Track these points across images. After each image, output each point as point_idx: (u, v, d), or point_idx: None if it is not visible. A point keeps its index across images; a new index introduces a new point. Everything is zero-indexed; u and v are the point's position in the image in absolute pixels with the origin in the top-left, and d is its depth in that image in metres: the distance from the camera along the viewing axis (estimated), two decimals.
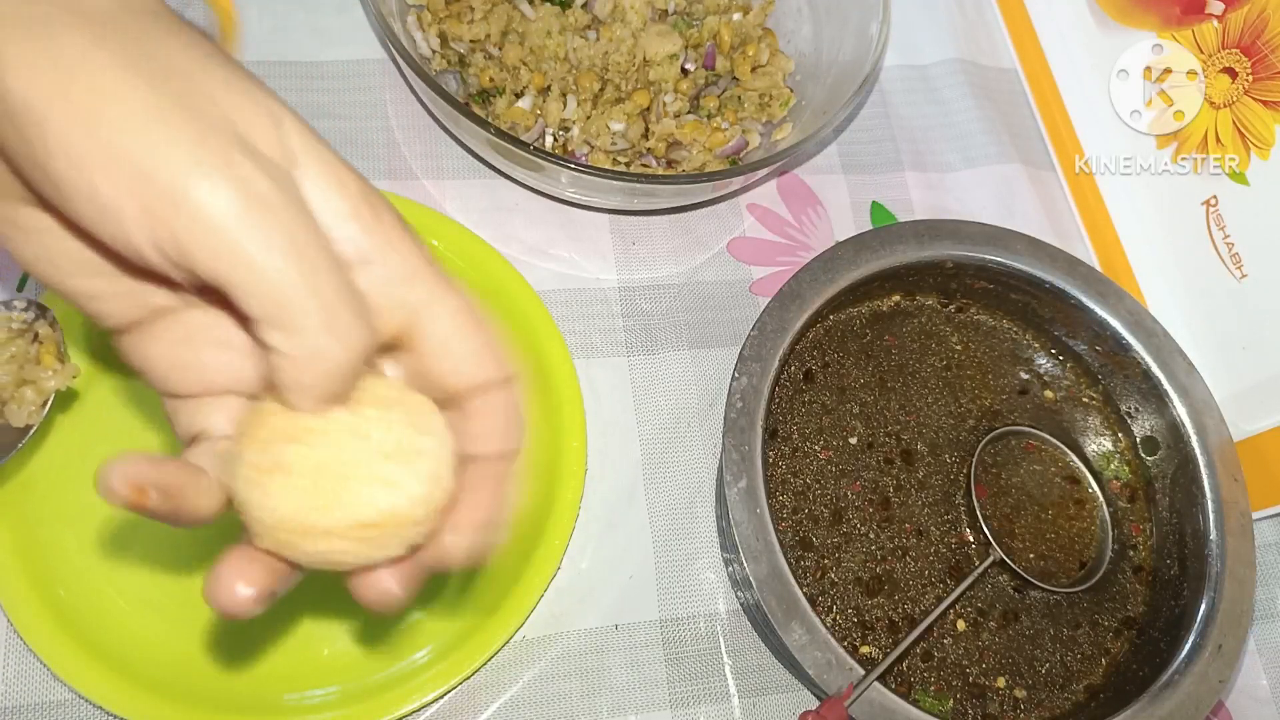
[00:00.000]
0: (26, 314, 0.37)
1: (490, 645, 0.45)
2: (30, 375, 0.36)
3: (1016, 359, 0.56)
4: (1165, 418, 0.53)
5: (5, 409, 0.36)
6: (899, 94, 0.67)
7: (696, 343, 0.56)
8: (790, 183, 0.62)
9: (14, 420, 0.36)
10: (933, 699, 0.47)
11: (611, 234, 0.58)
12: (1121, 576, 0.52)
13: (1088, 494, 0.53)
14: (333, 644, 0.46)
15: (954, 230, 0.53)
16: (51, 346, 0.37)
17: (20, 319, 0.36)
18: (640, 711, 0.48)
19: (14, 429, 0.37)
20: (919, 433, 0.53)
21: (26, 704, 0.43)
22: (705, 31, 0.60)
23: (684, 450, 0.53)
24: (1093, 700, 0.49)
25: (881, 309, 0.55)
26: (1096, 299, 0.53)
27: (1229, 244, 0.56)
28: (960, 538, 0.50)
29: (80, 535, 0.45)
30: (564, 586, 0.49)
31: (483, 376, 0.28)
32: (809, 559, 0.48)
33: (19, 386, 0.36)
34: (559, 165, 0.48)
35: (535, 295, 0.52)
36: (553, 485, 0.49)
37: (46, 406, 0.37)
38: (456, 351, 0.27)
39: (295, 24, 0.59)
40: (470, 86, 0.57)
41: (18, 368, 0.36)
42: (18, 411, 0.36)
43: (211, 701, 0.43)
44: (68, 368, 0.37)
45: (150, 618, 0.44)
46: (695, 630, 0.50)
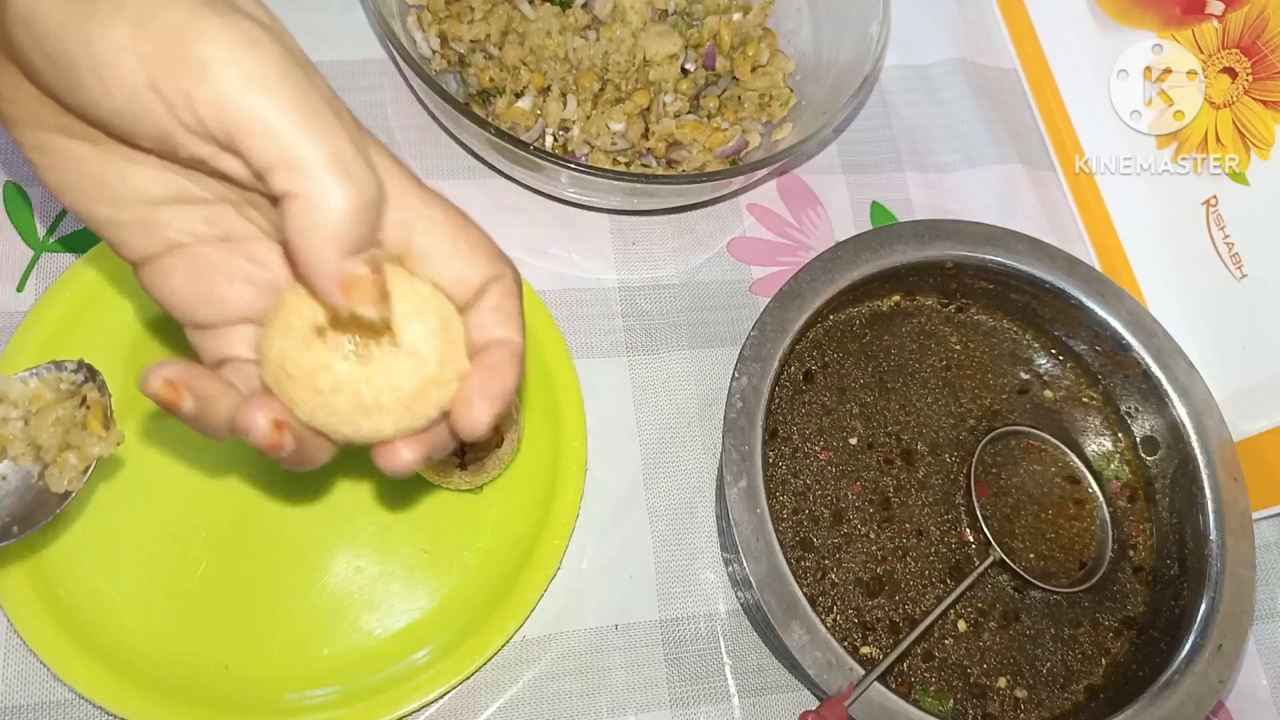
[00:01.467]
0: (76, 376, 0.36)
1: (490, 645, 0.45)
2: (75, 440, 0.35)
3: (1016, 359, 0.56)
4: (1165, 418, 0.53)
5: (47, 473, 0.35)
6: (899, 94, 0.67)
7: (696, 343, 0.56)
8: (790, 183, 0.62)
9: (54, 485, 0.35)
10: (933, 699, 0.47)
11: (611, 234, 0.58)
12: (1121, 576, 0.52)
13: (1088, 494, 0.53)
14: (333, 644, 0.46)
15: (954, 230, 0.53)
16: (99, 412, 0.36)
17: (70, 380, 0.36)
18: (640, 711, 0.48)
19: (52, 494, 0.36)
20: (919, 433, 0.53)
21: (26, 704, 0.43)
22: (705, 31, 0.60)
23: (684, 450, 0.53)
24: (1093, 700, 0.49)
25: (881, 309, 0.55)
26: (1096, 299, 0.53)
27: (1229, 244, 0.56)
28: (960, 538, 0.50)
29: (80, 535, 0.45)
30: (564, 586, 0.49)
31: (478, 278, 0.30)
32: (809, 559, 0.49)
33: (62, 450, 0.35)
34: (559, 165, 0.48)
35: (535, 295, 0.52)
36: (553, 485, 0.49)
37: (88, 473, 0.36)
38: (449, 261, 0.29)
39: (295, 24, 0.58)
40: (470, 86, 0.57)
41: (63, 431, 0.35)
42: (59, 477, 0.35)
43: (211, 701, 0.43)
44: (113, 434, 0.36)
45: (150, 618, 0.44)
46: (695, 630, 0.50)
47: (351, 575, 0.47)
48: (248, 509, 0.47)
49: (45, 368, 0.36)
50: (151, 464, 0.47)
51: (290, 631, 0.46)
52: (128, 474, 0.46)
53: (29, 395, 0.35)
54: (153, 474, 0.47)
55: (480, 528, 0.49)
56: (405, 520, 0.48)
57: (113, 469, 0.46)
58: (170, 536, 0.46)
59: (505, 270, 0.30)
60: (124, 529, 0.46)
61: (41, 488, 0.36)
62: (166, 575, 0.45)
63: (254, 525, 0.47)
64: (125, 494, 0.46)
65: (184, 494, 0.47)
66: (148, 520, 0.46)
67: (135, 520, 0.46)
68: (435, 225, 0.29)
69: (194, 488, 0.47)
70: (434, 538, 0.48)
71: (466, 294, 0.30)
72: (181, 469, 0.47)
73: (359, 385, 0.28)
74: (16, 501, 0.35)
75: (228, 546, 0.46)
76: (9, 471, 0.35)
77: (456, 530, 0.49)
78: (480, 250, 0.30)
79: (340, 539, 0.47)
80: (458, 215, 0.30)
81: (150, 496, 0.46)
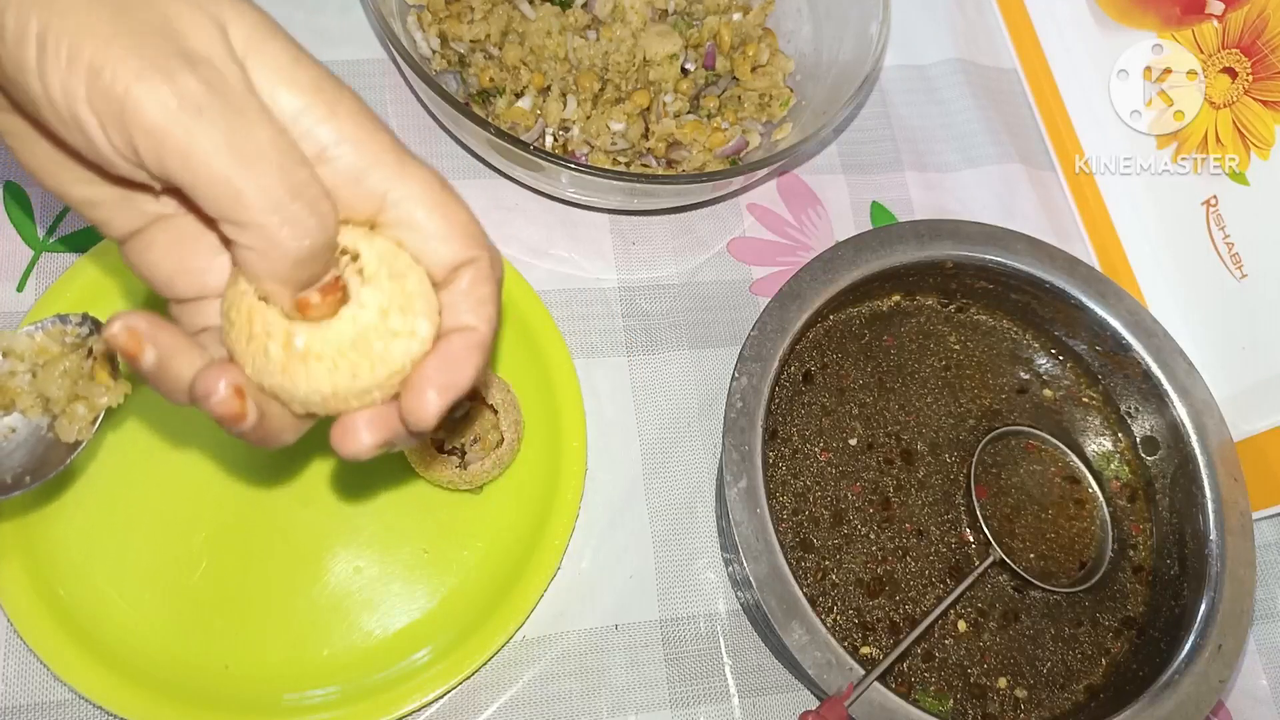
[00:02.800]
0: (81, 328, 0.36)
1: (490, 645, 0.45)
2: (83, 391, 0.36)
3: (1016, 359, 0.56)
4: (1165, 418, 0.53)
5: (56, 424, 0.36)
6: (899, 94, 0.67)
7: (696, 343, 0.56)
8: (790, 183, 0.62)
9: (64, 435, 0.36)
10: (933, 699, 0.47)
11: (611, 234, 0.58)
12: (1121, 576, 0.52)
13: (1088, 494, 0.53)
14: (333, 644, 0.46)
15: (954, 230, 0.53)
16: (105, 362, 0.36)
17: (75, 333, 0.36)
18: (640, 711, 0.48)
19: (63, 444, 0.36)
20: (919, 433, 0.53)
21: (26, 704, 0.43)
22: (705, 31, 0.60)
23: (684, 450, 0.53)
24: (1093, 700, 0.49)
25: (881, 309, 0.55)
26: (1096, 299, 0.53)
27: (1229, 244, 0.56)
28: (960, 538, 0.50)
29: (81, 535, 0.45)
30: (564, 586, 0.49)
31: (450, 256, 0.29)
32: (809, 560, 0.49)
33: (71, 402, 0.35)
34: (559, 165, 0.48)
35: (535, 295, 0.52)
36: (553, 485, 0.49)
37: (97, 423, 0.36)
38: (424, 234, 0.28)
39: (295, 24, 0.58)
40: (470, 86, 0.57)
41: (71, 383, 0.35)
42: (68, 427, 0.35)
43: (211, 701, 0.43)
44: (120, 384, 0.36)
45: (150, 618, 0.44)
46: (695, 630, 0.50)
47: (351, 575, 0.47)
48: (248, 509, 0.47)
49: (50, 321, 0.36)
50: (152, 465, 0.47)
51: (290, 631, 0.46)
52: (128, 474, 0.46)
53: (35, 348, 0.35)
54: (153, 474, 0.47)
55: (480, 528, 0.49)
56: (405, 520, 0.48)
57: (114, 469, 0.46)
58: (171, 536, 0.46)
59: (482, 253, 0.29)
60: (124, 529, 0.46)
61: (51, 439, 0.36)
62: (167, 575, 0.45)
63: (254, 525, 0.47)
64: (126, 494, 0.46)
65: (185, 494, 0.47)
66: (148, 520, 0.46)
67: (136, 520, 0.46)
68: (411, 197, 0.28)
69: (195, 487, 0.47)
70: (434, 538, 0.48)
71: (440, 272, 0.29)
72: (182, 469, 0.47)
73: (292, 331, 0.27)
74: (28, 454, 0.36)
75: (228, 546, 0.46)
76: (19, 424, 0.36)
77: (456, 530, 0.49)
78: (458, 228, 0.28)
79: (340, 539, 0.47)
80: (437, 188, 0.28)
81: (151, 497, 0.46)
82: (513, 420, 0.48)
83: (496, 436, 0.48)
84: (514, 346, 0.52)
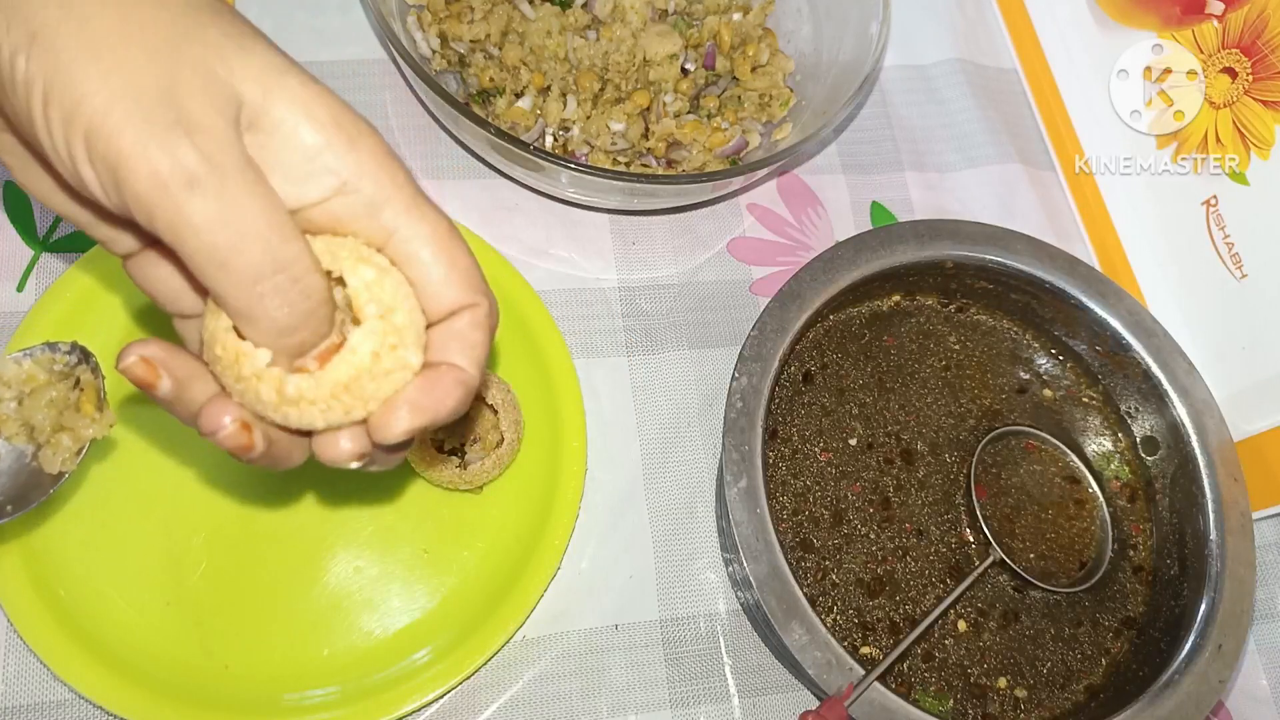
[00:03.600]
0: (69, 357, 0.36)
1: (490, 645, 0.45)
2: (69, 422, 0.35)
3: (1016, 359, 0.56)
4: (1165, 418, 0.53)
5: (40, 454, 0.35)
6: (899, 94, 0.67)
7: (696, 343, 0.56)
8: (790, 183, 0.62)
9: (48, 466, 0.35)
10: (933, 699, 0.47)
11: (611, 234, 0.58)
12: (1121, 576, 0.52)
13: (1088, 494, 0.53)
14: (333, 644, 0.46)
15: (954, 230, 0.53)
16: (92, 394, 0.36)
17: (63, 361, 0.36)
18: (640, 711, 0.48)
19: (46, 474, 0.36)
20: (919, 433, 0.53)
21: (26, 704, 0.43)
22: (705, 31, 0.60)
23: (684, 450, 0.53)
24: (1093, 700, 0.49)
25: (881, 309, 0.55)
26: (1096, 299, 0.53)
27: (1229, 244, 0.56)
28: (960, 538, 0.50)
29: (81, 535, 0.45)
30: (564, 586, 0.49)
31: (451, 300, 0.29)
32: (809, 560, 0.49)
33: (56, 432, 0.35)
34: (559, 165, 0.48)
35: (535, 295, 0.52)
36: (553, 485, 0.49)
37: (81, 454, 0.36)
38: (427, 274, 0.29)
39: (296, 24, 0.59)
40: (470, 86, 0.57)
41: (57, 413, 0.35)
42: (53, 458, 0.35)
43: (211, 701, 0.43)
44: (105, 416, 0.36)
45: (150, 618, 0.44)
46: (695, 630, 0.50)
47: (351, 575, 0.47)
48: (248, 509, 0.47)
49: (39, 349, 0.35)
50: (152, 464, 0.47)
51: (290, 631, 0.46)
52: (128, 474, 0.46)
53: (22, 376, 0.35)
54: (153, 474, 0.47)
55: (480, 528, 0.49)
56: (405, 520, 0.48)
57: (113, 469, 0.46)
58: (171, 536, 0.46)
59: (481, 301, 0.29)
60: (124, 529, 0.46)
61: (35, 468, 0.36)
62: (167, 575, 0.45)
63: (254, 525, 0.47)
64: (126, 494, 0.46)
65: (184, 494, 0.47)
66: (148, 520, 0.46)
67: (136, 520, 0.46)
68: (419, 236, 0.28)
69: (194, 488, 0.47)
70: (434, 538, 0.48)
71: (437, 313, 0.29)
72: (182, 469, 0.47)
73: (283, 379, 0.27)
74: (10, 481, 0.35)
75: (228, 546, 0.46)
76: (3, 451, 0.36)
77: (456, 530, 0.49)
78: (460, 274, 0.29)
79: (340, 539, 0.47)
80: (445, 231, 0.29)
81: (151, 497, 0.46)
82: (513, 420, 0.48)
83: (496, 436, 0.48)
84: (514, 346, 0.52)
